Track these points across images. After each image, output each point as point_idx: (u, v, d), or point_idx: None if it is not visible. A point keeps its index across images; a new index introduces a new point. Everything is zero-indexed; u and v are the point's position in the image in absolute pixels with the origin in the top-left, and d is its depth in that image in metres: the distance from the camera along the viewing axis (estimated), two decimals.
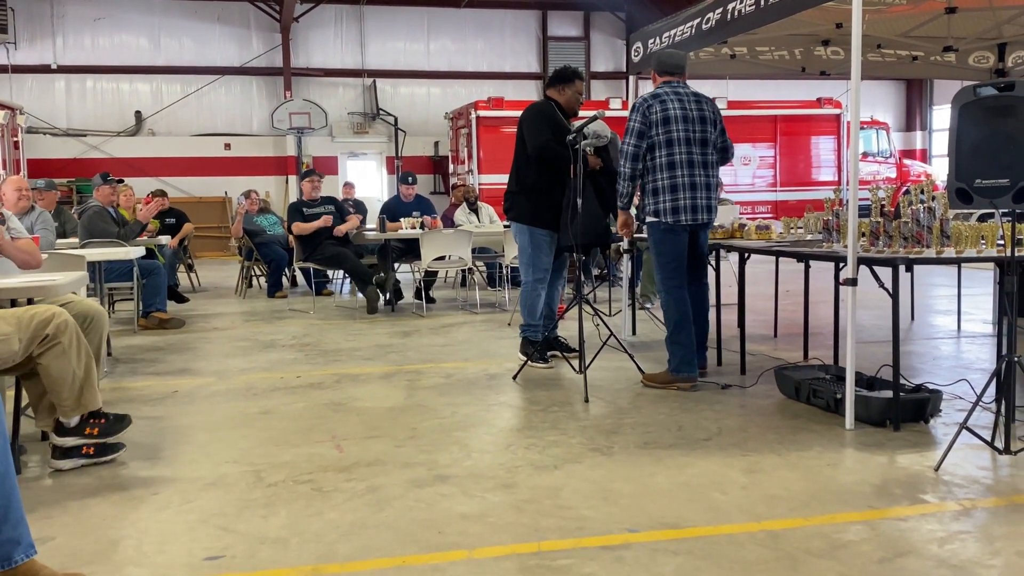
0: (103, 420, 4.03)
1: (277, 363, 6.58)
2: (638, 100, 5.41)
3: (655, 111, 5.31)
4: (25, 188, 6.99)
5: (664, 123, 5.29)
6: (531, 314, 6.23)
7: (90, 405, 3.98)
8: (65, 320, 3.86)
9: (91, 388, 3.97)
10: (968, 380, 5.21)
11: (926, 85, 23.48)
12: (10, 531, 2.59)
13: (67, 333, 3.84)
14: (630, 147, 5.36)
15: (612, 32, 22.23)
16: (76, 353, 3.87)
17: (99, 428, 4.00)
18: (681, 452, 4.11)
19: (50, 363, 3.81)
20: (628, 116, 5.42)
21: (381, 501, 3.52)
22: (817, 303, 6.81)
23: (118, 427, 4.09)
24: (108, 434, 4.04)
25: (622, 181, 5.44)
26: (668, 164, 5.30)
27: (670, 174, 5.30)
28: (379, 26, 20.85)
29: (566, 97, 6.24)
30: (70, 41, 19.36)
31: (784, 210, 16.80)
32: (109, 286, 8.23)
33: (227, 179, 19.43)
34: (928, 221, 4.62)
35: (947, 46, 7.00)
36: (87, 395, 3.95)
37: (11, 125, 15.27)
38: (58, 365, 3.83)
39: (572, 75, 6.29)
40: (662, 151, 5.30)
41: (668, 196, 5.30)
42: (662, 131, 5.30)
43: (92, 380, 3.98)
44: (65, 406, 3.91)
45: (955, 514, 3.29)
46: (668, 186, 5.30)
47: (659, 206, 5.32)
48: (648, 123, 5.32)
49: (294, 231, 9.48)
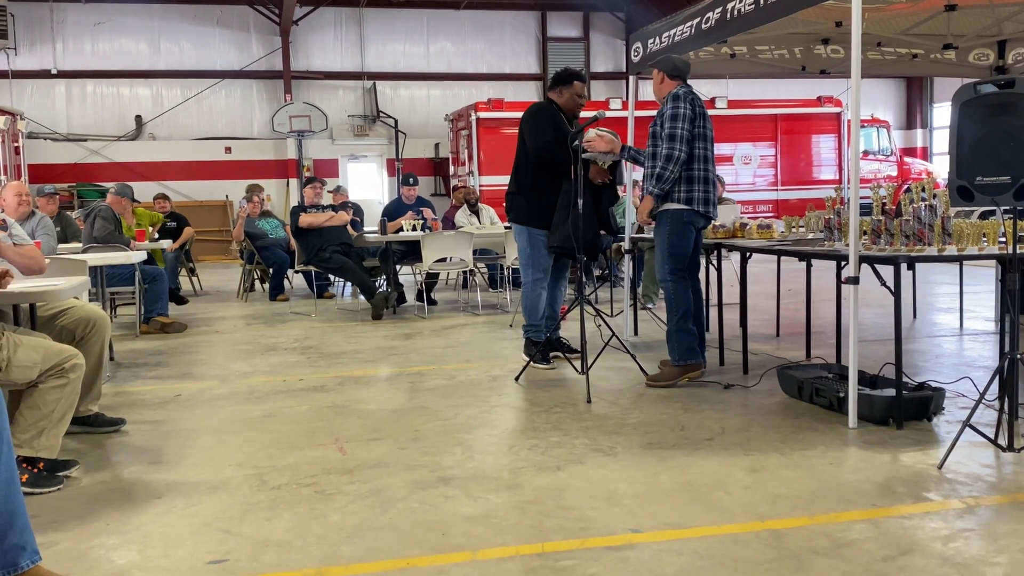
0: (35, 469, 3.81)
1: (279, 366, 6.58)
2: (678, 91, 5.39)
3: (697, 103, 5.41)
4: (25, 193, 7.00)
5: (702, 117, 5.40)
6: (532, 315, 6.24)
7: (41, 451, 3.83)
8: (79, 363, 3.89)
9: (54, 435, 3.86)
10: (971, 378, 5.21)
11: (926, 83, 23.46)
12: (15, 537, 2.60)
13: (75, 374, 3.86)
14: (685, 131, 5.29)
15: (612, 32, 22.22)
16: (68, 396, 3.86)
17: (28, 476, 3.74)
18: (684, 452, 4.11)
19: (44, 395, 3.77)
20: (670, 104, 5.34)
21: (385, 503, 3.52)
22: (819, 302, 6.81)
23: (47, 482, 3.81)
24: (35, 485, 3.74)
25: (672, 165, 5.27)
26: (704, 157, 5.41)
27: (705, 167, 5.41)
28: (379, 28, 20.86)
29: (564, 99, 6.24)
30: (70, 46, 19.37)
31: (785, 209, 16.78)
32: (111, 291, 8.24)
33: (228, 183, 19.43)
34: (929, 219, 4.62)
35: (947, 43, 7.00)
36: (48, 439, 3.84)
37: (12, 130, 15.29)
38: (50, 399, 3.80)
39: (570, 77, 6.28)
40: (699, 143, 5.37)
41: (701, 187, 5.39)
42: (701, 124, 5.39)
43: (60, 426, 3.88)
44: (19, 436, 3.75)
45: (959, 512, 3.29)
46: (703, 177, 5.40)
47: (693, 194, 5.37)
48: (695, 112, 5.36)
49: (301, 223, 9.54)
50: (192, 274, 12.35)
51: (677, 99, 5.38)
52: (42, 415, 3.81)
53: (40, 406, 3.80)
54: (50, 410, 3.82)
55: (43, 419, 3.82)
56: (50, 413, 3.83)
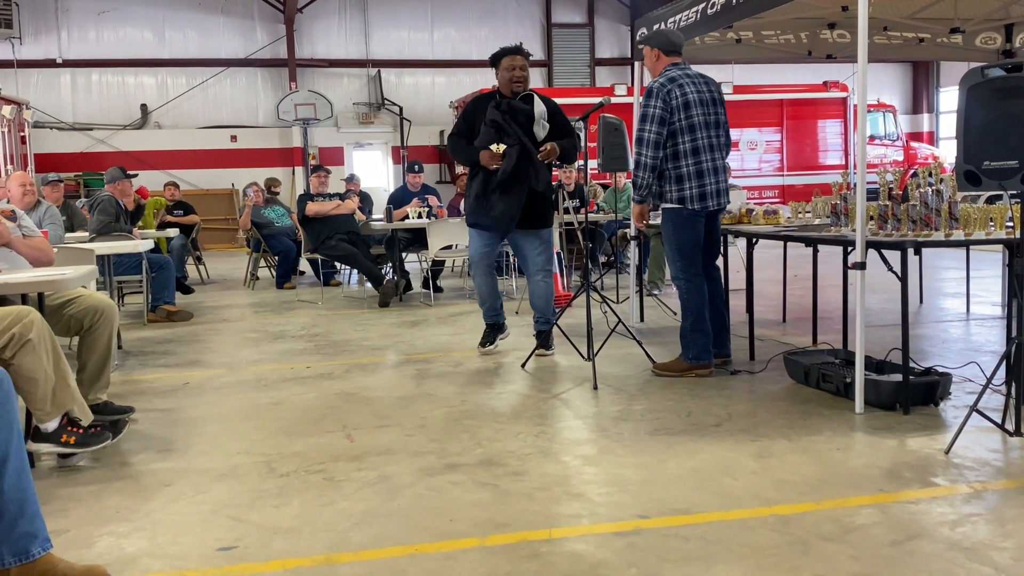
0: (80, 430, 3.93)
1: (287, 354, 6.60)
2: (654, 84, 5.24)
3: (675, 96, 5.17)
4: (30, 183, 7.02)
5: (685, 108, 5.17)
6: (479, 300, 6.39)
7: (66, 404, 3.88)
8: (31, 319, 3.74)
9: (65, 388, 3.87)
10: (978, 363, 5.20)
11: (933, 67, 23.35)
12: (27, 525, 2.62)
13: (35, 330, 3.72)
14: (652, 135, 5.17)
15: (616, 18, 22.15)
16: (46, 351, 3.77)
17: (75, 438, 3.89)
18: (691, 438, 4.12)
19: (21, 362, 3.69)
20: (644, 102, 5.23)
21: (392, 490, 3.53)
22: (825, 287, 6.80)
23: (95, 440, 3.96)
24: (84, 445, 3.91)
25: (642, 172, 5.22)
26: (693, 150, 5.20)
27: (695, 160, 5.21)
28: (383, 16, 20.81)
29: (501, 81, 6.07)
30: (75, 35, 19.37)
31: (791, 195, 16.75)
32: (118, 279, 8.26)
33: (234, 171, 19.44)
34: (936, 204, 4.60)
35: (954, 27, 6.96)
36: (61, 395, 3.85)
37: (18, 120, 15.30)
38: (29, 363, 3.71)
39: (499, 55, 6.07)
40: (685, 137, 5.19)
41: (695, 183, 5.21)
42: (684, 116, 5.17)
43: (65, 379, 3.88)
44: (40, 408, 3.80)
45: (966, 497, 3.29)
46: (694, 172, 5.21)
47: (685, 193, 5.22)
48: (669, 109, 5.17)
49: (308, 212, 9.56)
50: (199, 263, 12.37)
51: (649, 96, 5.20)
52: (35, 383, 3.75)
53: (28, 376, 3.72)
54: (41, 373, 3.75)
55: (41, 385, 3.77)
56: (43, 375, 3.76)
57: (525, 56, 6.08)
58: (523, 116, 5.97)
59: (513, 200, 5.93)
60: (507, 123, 5.93)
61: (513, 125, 5.93)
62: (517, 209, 5.95)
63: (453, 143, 6.26)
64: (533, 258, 6.17)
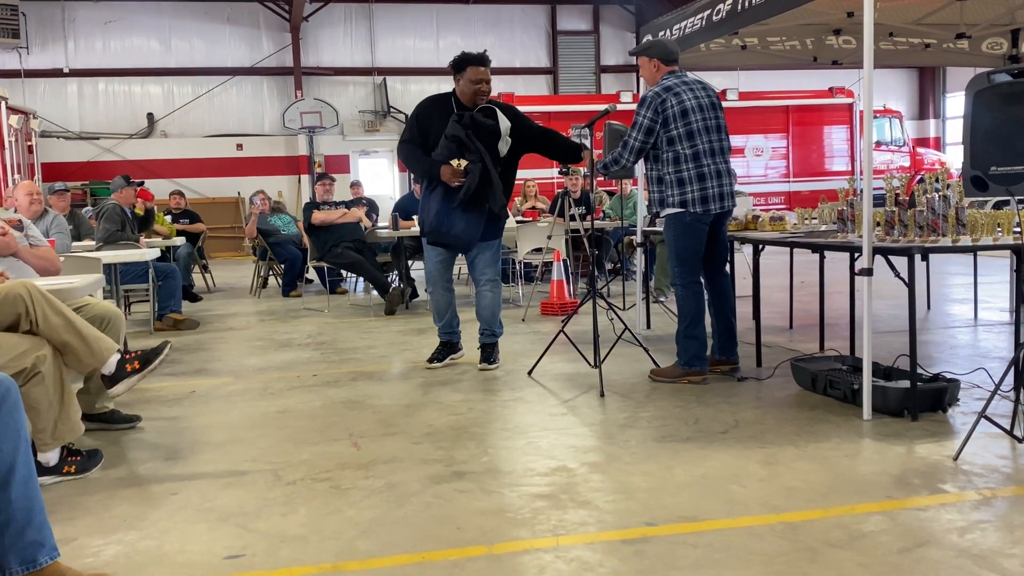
0: (78, 457, 3.95)
1: (293, 362, 6.60)
2: (648, 94, 5.30)
3: (670, 105, 5.21)
4: (36, 192, 7.04)
5: (683, 115, 5.21)
6: (435, 316, 6.30)
7: (66, 437, 3.90)
8: (45, 353, 3.79)
9: (67, 421, 3.89)
10: (986, 369, 5.18)
11: (939, 72, 23.33)
12: (34, 533, 2.62)
13: (47, 364, 3.78)
14: (637, 143, 5.28)
15: (622, 25, 22.18)
16: (54, 384, 3.81)
17: (75, 466, 3.92)
18: (698, 445, 4.11)
19: (28, 392, 3.71)
20: (636, 109, 5.32)
21: (399, 498, 3.53)
22: (832, 294, 6.79)
23: (92, 463, 3.99)
24: (84, 470, 3.94)
25: (614, 163, 5.47)
26: (694, 155, 5.21)
27: (696, 164, 5.22)
28: (388, 24, 20.87)
29: (461, 87, 5.84)
30: (82, 44, 19.46)
31: (797, 201, 16.75)
32: (125, 288, 8.28)
33: (240, 179, 19.50)
34: (943, 209, 4.59)
35: (960, 33, 6.96)
36: (62, 427, 3.87)
37: (25, 129, 15.36)
38: (36, 394, 3.75)
39: (462, 62, 5.81)
40: (684, 143, 5.21)
41: (696, 186, 5.22)
42: (682, 123, 5.20)
43: (68, 412, 3.90)
44: (38, 438, 3.78)
45: (975, 503, 3.28)
46: (695, 176, 5.21)
47: (686, 196, 5.22)
48: (660, 119, 5.22)
49: (314, 221, 9.59)
50: (205, 271, 12.40)
51: (641, 104, 5.28)
52: (38, 413, 3.77)
53: (31, 406, 3.72)
54: (44, 406, 3.78)
55: (43, 416, 3.79)
56: (49, 405, 3.80)
57: (488, 65, 5.85)
58: (487, 132, 5.76)
59: (475, 219, 5.79)
60: (470, 140, 5.70)
61: (477, 142, 5.70)
62: (479, 228, 5.82)
63: (406, 151, 5.93)
64: (482, 269, 6.07)
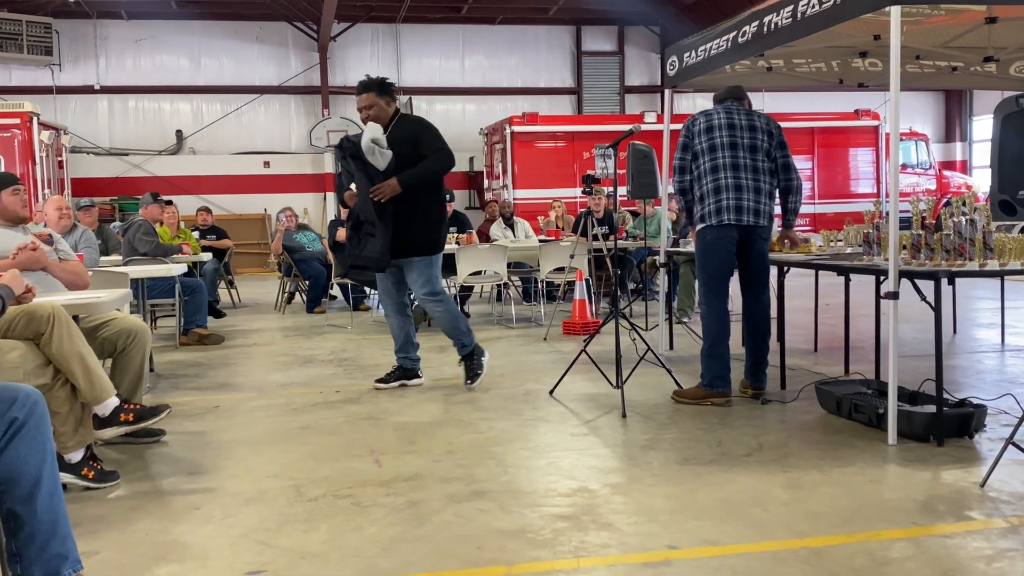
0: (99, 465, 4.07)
1: (316, 378, 6.63)
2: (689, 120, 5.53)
3: (699, 122, 5.42)
4: (66, 207, 7.13)
5: (707, 132, 5.37)
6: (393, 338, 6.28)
7: (88, 440, 4.04)
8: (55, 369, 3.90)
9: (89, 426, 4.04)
10: (1013, 394, 5.12)
11: (966, 96, 23.17)
12: (58, 546, 2.64)
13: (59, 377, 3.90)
14: (676, 160, 5.52)
15: (646, 46, 22.21)
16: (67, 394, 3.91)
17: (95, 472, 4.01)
18: (721, 468, 4.08)
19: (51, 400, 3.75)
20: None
21: (420, 516, 3.53)
22: (858, 317, 6.74)
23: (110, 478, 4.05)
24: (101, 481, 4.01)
25: (679, 197, 5.62)
26: (712, 169, 5.31)
27: (713, 178, 5.30)
28: (415, 44, 21.02)
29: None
30: (113, 62, 19.72)
31: (823, 223, 16.63)
32: (151, 303, 8.35)
33: (266, 196, 19.63)
34: (970, 233, 4.56)
35: (987, 56, 6.90)
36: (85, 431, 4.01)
37: (56, 145, 15.56)
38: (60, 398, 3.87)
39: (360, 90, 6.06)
40: (705, 157, 5.35)
41: (712, 199, 5.29)
42: (705, 139, 5.36)
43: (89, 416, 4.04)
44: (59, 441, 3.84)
45: (1002, 531, 3.23)
46: (711, 189, 5.29)
47: (705, 210, 5.32)
48: (690, 135, 5.42)
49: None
50: (231, 287, 12.49)
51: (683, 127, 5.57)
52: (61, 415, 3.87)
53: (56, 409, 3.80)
54: (67, 407, 3.90)
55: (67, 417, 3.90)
56: (70, 408, 3.92)
57: (363, 92, 6.03)
58: (357, 152, 5.83)
59: (378, 237, 5.78)
60: (346, 160, 5.85)
61: (350, 162, 5.83)
62: (385, 245, 5.78)
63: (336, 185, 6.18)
64: (414, 287, 6.08)
